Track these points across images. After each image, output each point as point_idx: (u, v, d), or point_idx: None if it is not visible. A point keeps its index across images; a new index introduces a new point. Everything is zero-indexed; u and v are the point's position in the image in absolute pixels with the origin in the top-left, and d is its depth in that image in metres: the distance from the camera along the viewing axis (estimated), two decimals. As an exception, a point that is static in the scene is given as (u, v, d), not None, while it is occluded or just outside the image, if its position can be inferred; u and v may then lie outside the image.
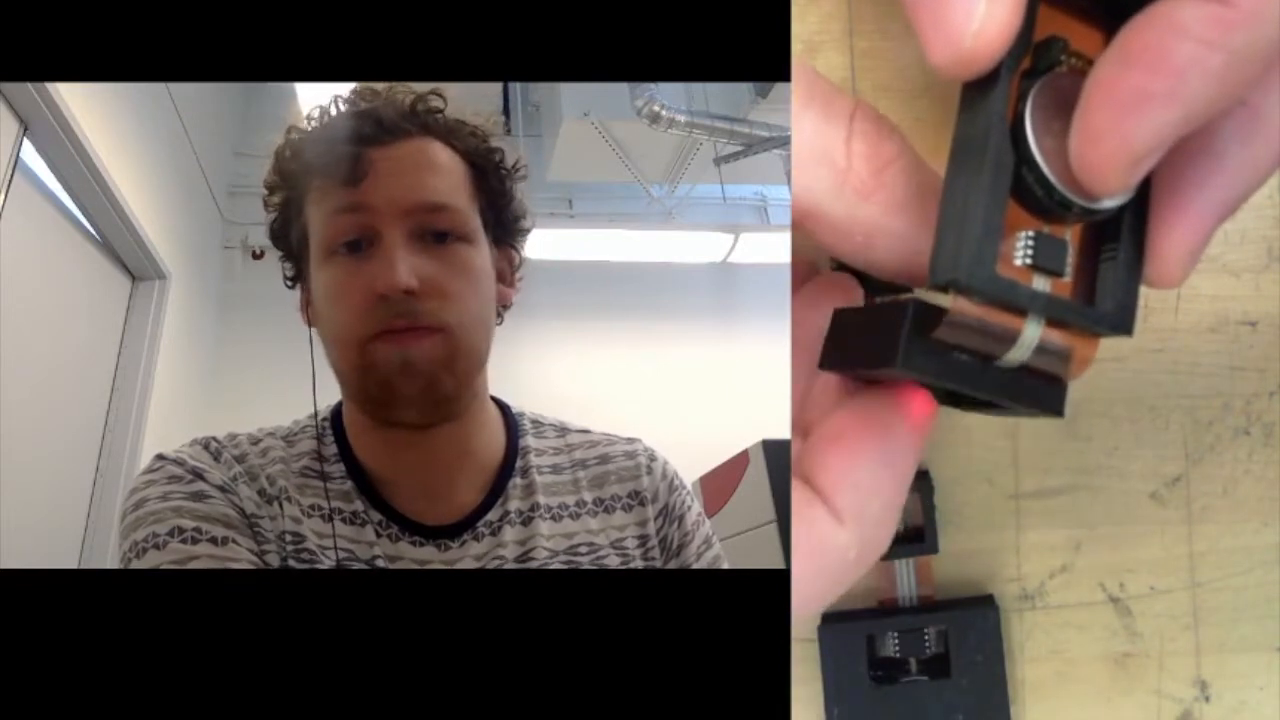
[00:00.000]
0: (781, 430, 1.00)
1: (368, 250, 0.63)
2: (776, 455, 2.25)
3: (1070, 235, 0.36)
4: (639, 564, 0.71)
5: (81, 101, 2.09)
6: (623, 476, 0.74)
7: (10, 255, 1.94)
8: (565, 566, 0.68)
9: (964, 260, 0.33)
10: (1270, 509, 0.66)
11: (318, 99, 0.72)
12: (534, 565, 0.67)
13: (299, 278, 0.72)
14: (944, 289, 0.35)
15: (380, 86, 0.67)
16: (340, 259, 0.64)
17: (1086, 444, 0.69)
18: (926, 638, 0.73)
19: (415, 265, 0.62)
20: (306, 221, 0.67)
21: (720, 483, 2.51)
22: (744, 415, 2.75)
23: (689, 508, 0.76)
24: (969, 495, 0.72)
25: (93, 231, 2.42)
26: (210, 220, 3.41)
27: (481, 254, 0.68)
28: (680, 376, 3.84)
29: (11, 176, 1.92)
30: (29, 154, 2.05)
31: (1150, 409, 0.68)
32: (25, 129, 1.98)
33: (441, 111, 0.67)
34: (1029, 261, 0.35)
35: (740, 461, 2.39)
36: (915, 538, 0.73)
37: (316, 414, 0.71)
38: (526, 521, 0.69)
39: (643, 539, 0.72)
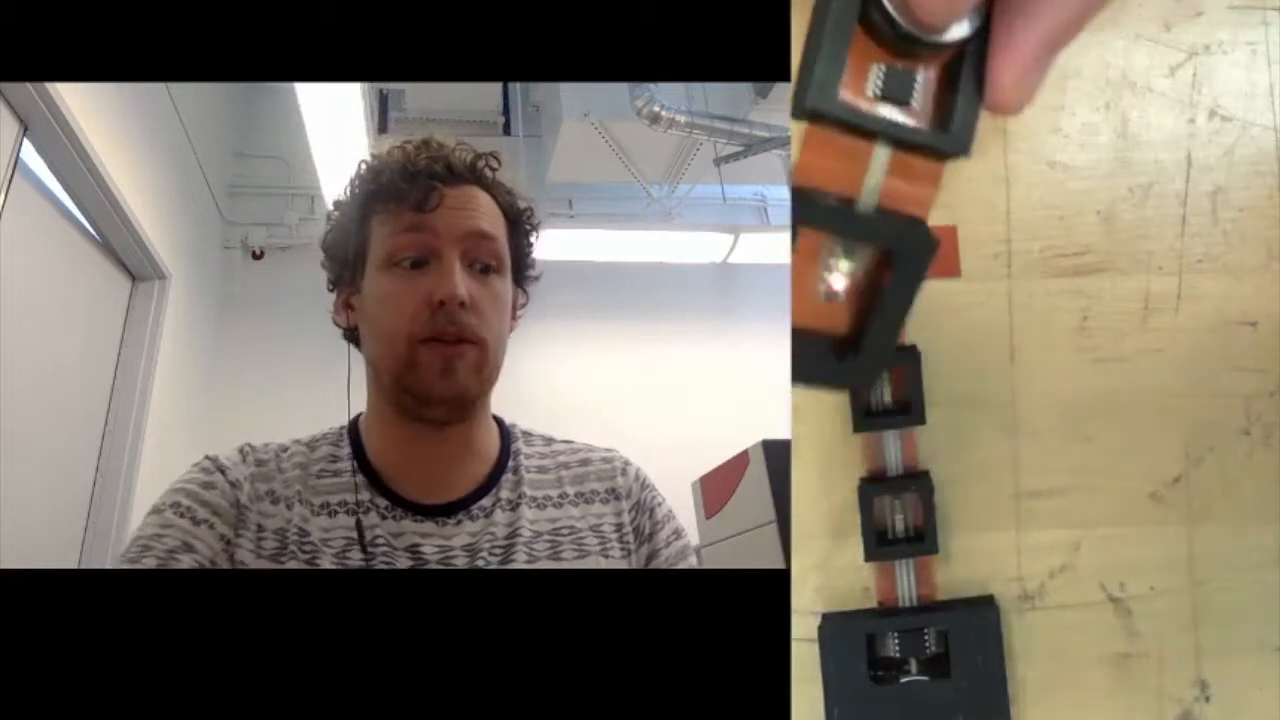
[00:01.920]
0: (781, 430, 1.00)
1: (425, 266, 0.75)
2: (776, 455, 2.25)
3: (923, 72, 0.40)
4: (615, 547, 0.79)
5: (81, 101, 2.09)
6: (601, 476, 0.85)
7: (10, 255, 1.94)
8: (549, 546, 0.76)
9: (812, 87, 0.37)
10: (1270, 509, 0.66)
11: (325, 98, 0.78)
12: (520, 542, 0.75)
13: (339, 282, 0.83)
14: (803, 119, 0.39)
15: (448, 140, 0.81)
16: (401, 271, 0.76)
17: (1086, 444, 0.69)
18: (926, 638, 0.73)
19: (467, 283, 0.75)
20: (367, 236, 0.79)
21: (720, 483, 2.51)
22: (744, 415, 2.75)
23: (659, 504, 0.86)
24: (969, 495, 0.72)
25: (93, 231, 2.42)
26: (210, 220, 3.41)
27: (507, 286, 0.82)
28: (680, 376, 3.84)
29: (11, 176, 1.92)
30: (29, 154, 2.05)
31: (1150, 409, 0.68)
32: (25, 129, 1.98)
33: (495, 171, 0.82)
34: (879, 91, 0.39)
35: (740, 461, 2.38)
36: (915, 538, 0.73)
37: (349, 409, 0.84)
38: (514, 507, 0.79)
39: (618, 527, 0.81)
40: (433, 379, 0.73)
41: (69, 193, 2.27)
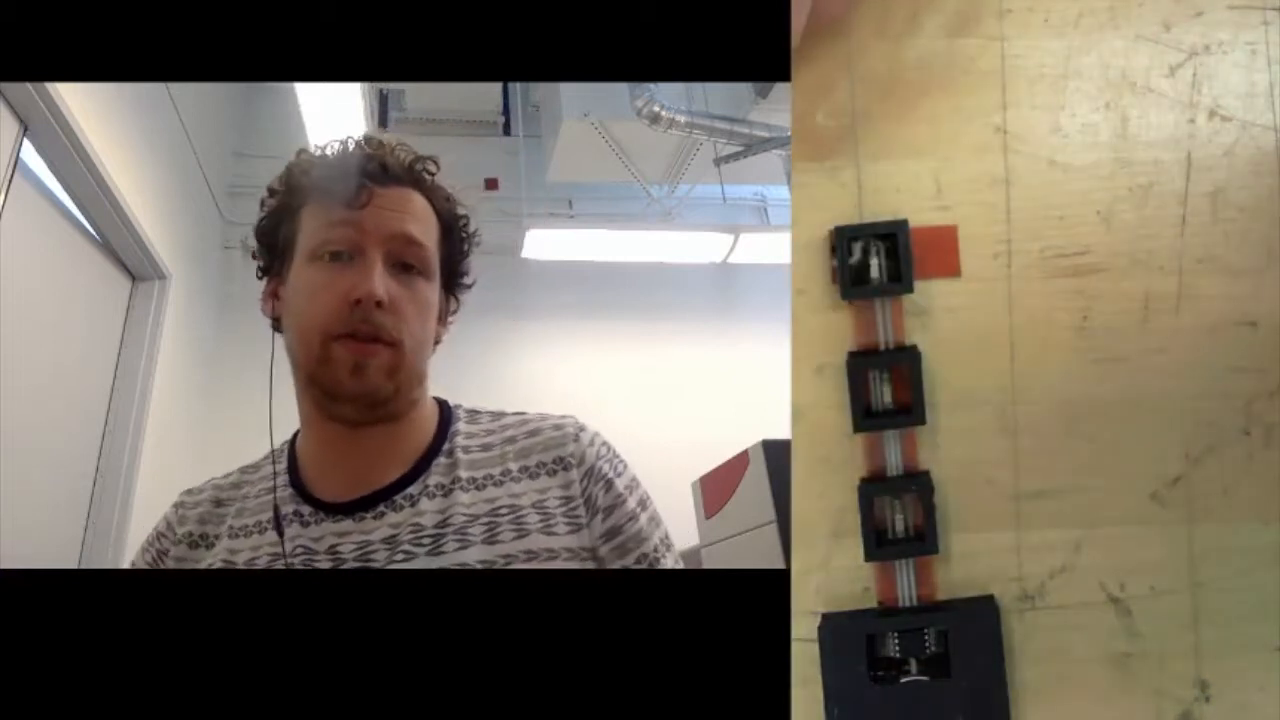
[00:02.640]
0: (781, 430, 1.00)
1: (349, 262, 0.75)
2: (776, 455, 2.25)
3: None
4: (560, 522, 0.74)
5: (81, 101, 2.09)
6: (549, 445, 0.80)
7: (10, 255, 1.94)
8: (485, 528, 0.73)
9: None
10: (1270, 509, 0.66)
11: (325, 98, 0.78)
12: (451, 530, 0.73)
13: (269, 271, 0.83)
14: None
15: (389, 140, 0.81)
16: (323, 265, 0.75)
17: (1086, 444, 0.69)
18: (926, 638, 0.73)
19: (387, 284, 0.74)
20: (297, 227, 0.79)
21: (720, 483, 2.51)
22: (744, 415, 2.75)
23: (618, 473, 0.80)
24: (969, 495, 0.72)
25: (93, 231, 2.42)
26: (210, 220, 3.41)
27: (433, 291, 0.80)
28: (680, 376, 3.84)
29: (11, 176, 1.92)
30: (29, 154, 2.05)
31: (1150, 409, 0.68)
32: (25, 129, 1.98)
33: (433, 175, 0.82)
34: None
35: (740, 461, 2.38)
36: (915, 538, 0.73)
37: (271, 406, 0.82)
38: (446, 493, 0.76)
39: (566, 499, 0.76)
40: (343, 375, 0.73)
41: (69, 193, 2.27)
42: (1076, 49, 0.70)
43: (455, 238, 0.84)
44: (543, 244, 3.53)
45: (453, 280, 0.85)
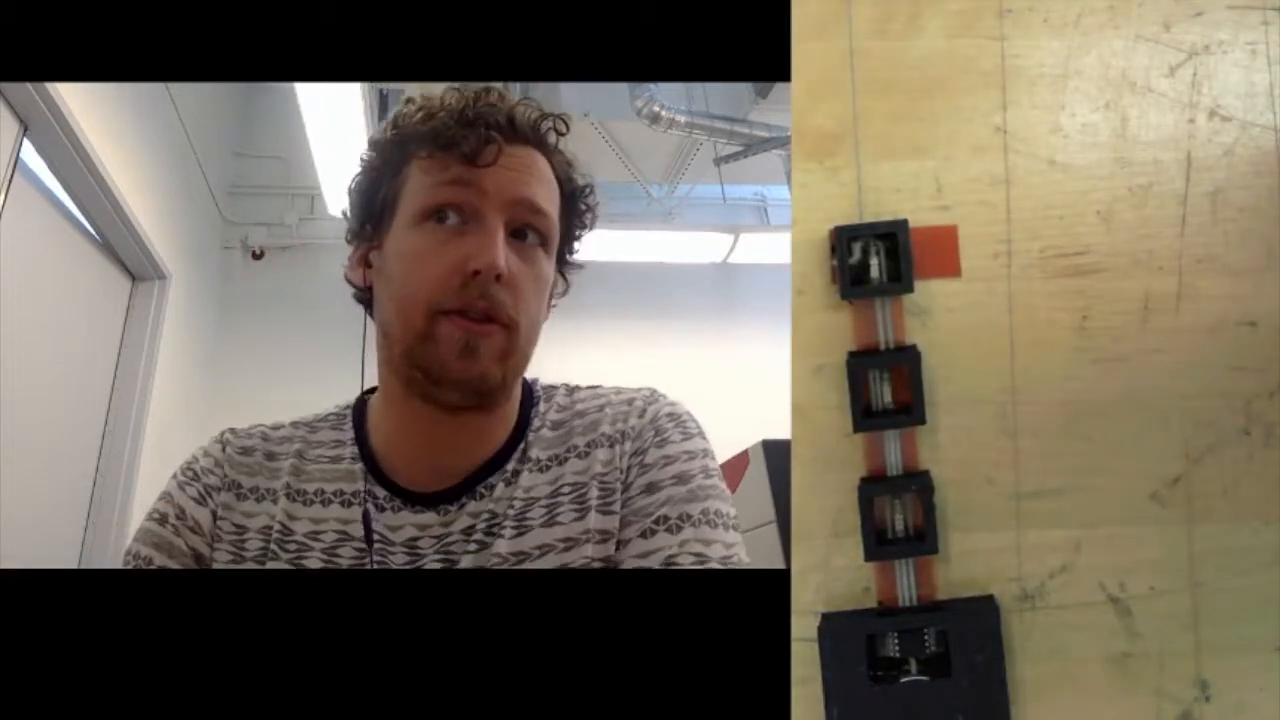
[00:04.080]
0: (781, 430, 1.00)
1: (464, 227, 0.66)
2: (776, 455, 2.24)
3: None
4: (619, 500, 0.70)
5: (81, 101, 2.09)
6: (614, 419, 0.74)
7: (10, 255, 1.94)
8: (546, 510, 0.69)
9: None
10: (1270, 509, 0.66)
11: (325, 98, 0.75)
12: (510, 515, 0.69)
13: (360, 235, 0.74)
14: None
15: (508, 93, 0.72)
16: (433, 228, 0.67)
17: (1086, 444, 0.69)
18: (926, 638, 0.73)
19: (507, 255, 0.66)
20: (401, 185, 0.70)
21: (720, 483, 2.50)
22: (744, 415, 2.74)
23: (660, 443, 0.72)
24: (969, 495, 0.72)
25: (93, 231, 2.42)
26: (210, 220, 3.41)
27: (550, 266, 0.73)
28: (680, 376, 3.84)
29: (11, 176, 1.92)
30: (29, 154, 2.05)
31: (1150, 409, 0.68)
32: (25, 129, 1.98)
33: (563, 135, 0.74)
34: None
35: (740, 461, 2.38)
36: (915, 538, 0.73)
37: (364, 385, 0.76)
38: (516, 476, 0.71)
39: (621, 469, 0.71)
40: (449, 357, 0.64)
41: (69, 193, 2.27)
42: (1076, 49, 0.70)
43: (575, 209, 0.75)
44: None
45: (564, 257, 0.76)
